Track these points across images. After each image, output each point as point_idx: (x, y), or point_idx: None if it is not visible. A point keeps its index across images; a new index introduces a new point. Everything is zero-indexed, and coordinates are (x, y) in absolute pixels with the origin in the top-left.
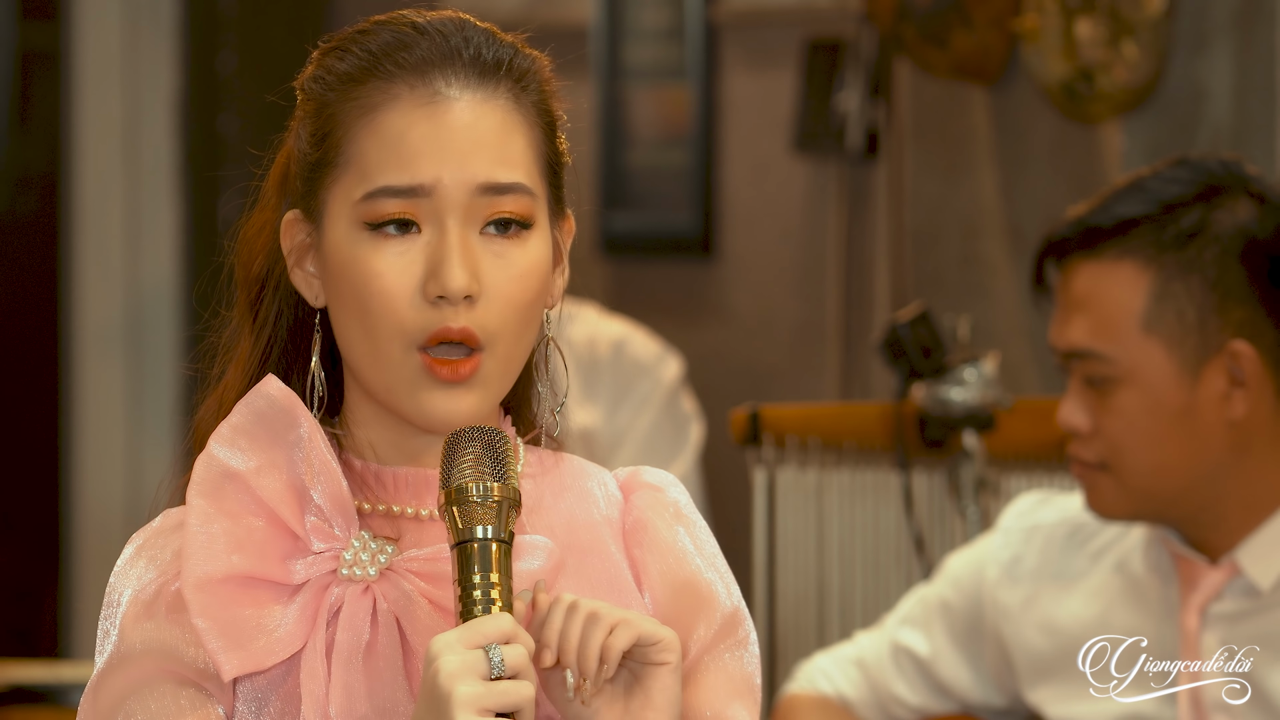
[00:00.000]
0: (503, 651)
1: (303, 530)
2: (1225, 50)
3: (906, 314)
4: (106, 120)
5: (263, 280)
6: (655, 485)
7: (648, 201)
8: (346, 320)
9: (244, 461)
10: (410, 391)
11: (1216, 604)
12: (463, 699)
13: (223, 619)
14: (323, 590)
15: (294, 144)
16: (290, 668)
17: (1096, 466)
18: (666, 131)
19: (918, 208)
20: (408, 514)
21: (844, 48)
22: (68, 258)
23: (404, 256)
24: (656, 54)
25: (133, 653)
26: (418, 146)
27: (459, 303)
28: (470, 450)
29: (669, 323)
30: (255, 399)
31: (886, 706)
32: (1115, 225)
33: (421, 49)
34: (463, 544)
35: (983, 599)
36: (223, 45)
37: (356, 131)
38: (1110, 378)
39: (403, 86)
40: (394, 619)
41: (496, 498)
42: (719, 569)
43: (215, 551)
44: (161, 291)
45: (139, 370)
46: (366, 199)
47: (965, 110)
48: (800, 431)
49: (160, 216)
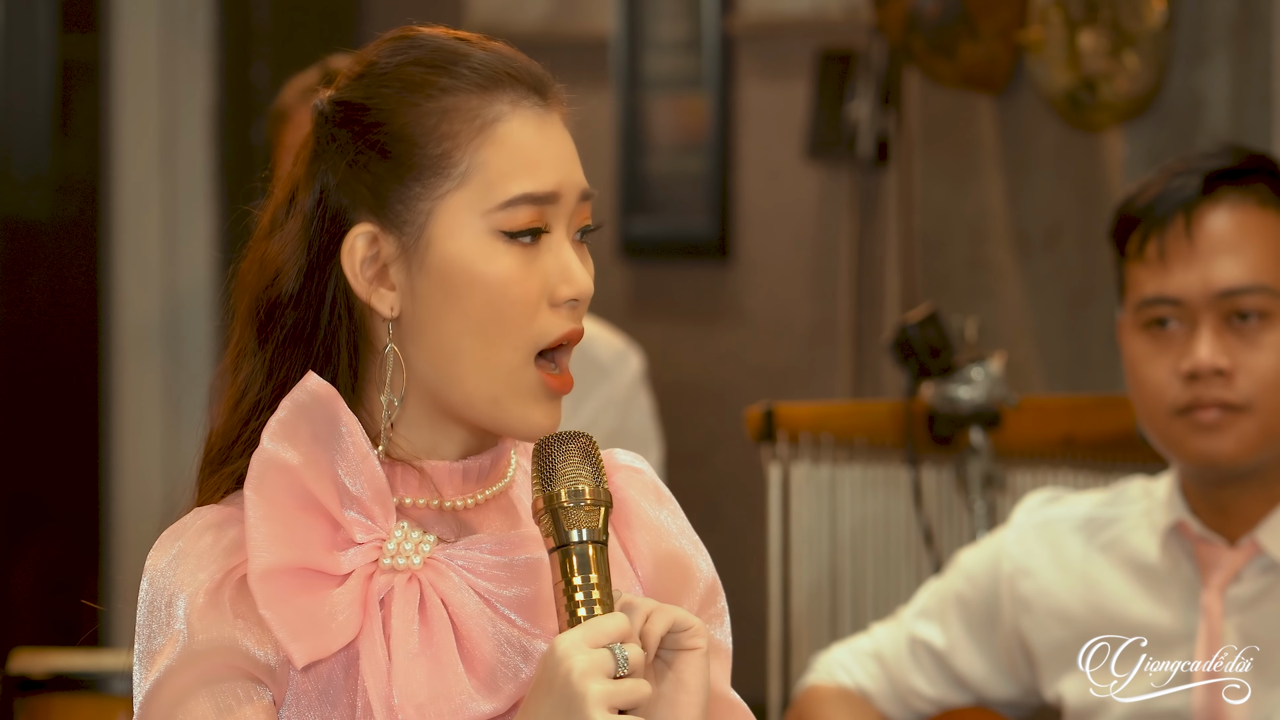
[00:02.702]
0: (625, 650)
1: (344, 521)
2: (1223, 61)
3: (916, 315)
4: (144, 128)
5: (276, 299)
6: (633, 467)
7: (666, 207)
8: (458, 330)
9: (289, 454)
10: (520, 401)
11: (1234, 587)
12: (596, 697)
13: (286, 609)
14: (367, 580)
15: (340, 158)
16: (350, 657)
17: (1238, 408)
18: (684, 139)
19: (927, 213)
20: (451, 506)
21: (855, 58)
22: (107, 260)
23: (534, 263)
24: (674, 64)
25: (201, 650)
26: (542, 155)
27: (581, 306)
28: (569, 456)
29: (687, 324)
30: (299, 394)
31: (905, 699)
32: (1248, 170)
33: (517, 68)
34: (562, 547)
35: (999, 593)
36: (256, 57)
37: (474, 143)
38: (1268, 313)
39: (506, 104)
40: (442, 606)
41: (591, 501)
42: (696, 544)
43: (272, 543)
44: (197, 292)
45: (175, 368)
46: (504, 207)
47: (972, 119)
48: (813, 429)
49: (196, 221)
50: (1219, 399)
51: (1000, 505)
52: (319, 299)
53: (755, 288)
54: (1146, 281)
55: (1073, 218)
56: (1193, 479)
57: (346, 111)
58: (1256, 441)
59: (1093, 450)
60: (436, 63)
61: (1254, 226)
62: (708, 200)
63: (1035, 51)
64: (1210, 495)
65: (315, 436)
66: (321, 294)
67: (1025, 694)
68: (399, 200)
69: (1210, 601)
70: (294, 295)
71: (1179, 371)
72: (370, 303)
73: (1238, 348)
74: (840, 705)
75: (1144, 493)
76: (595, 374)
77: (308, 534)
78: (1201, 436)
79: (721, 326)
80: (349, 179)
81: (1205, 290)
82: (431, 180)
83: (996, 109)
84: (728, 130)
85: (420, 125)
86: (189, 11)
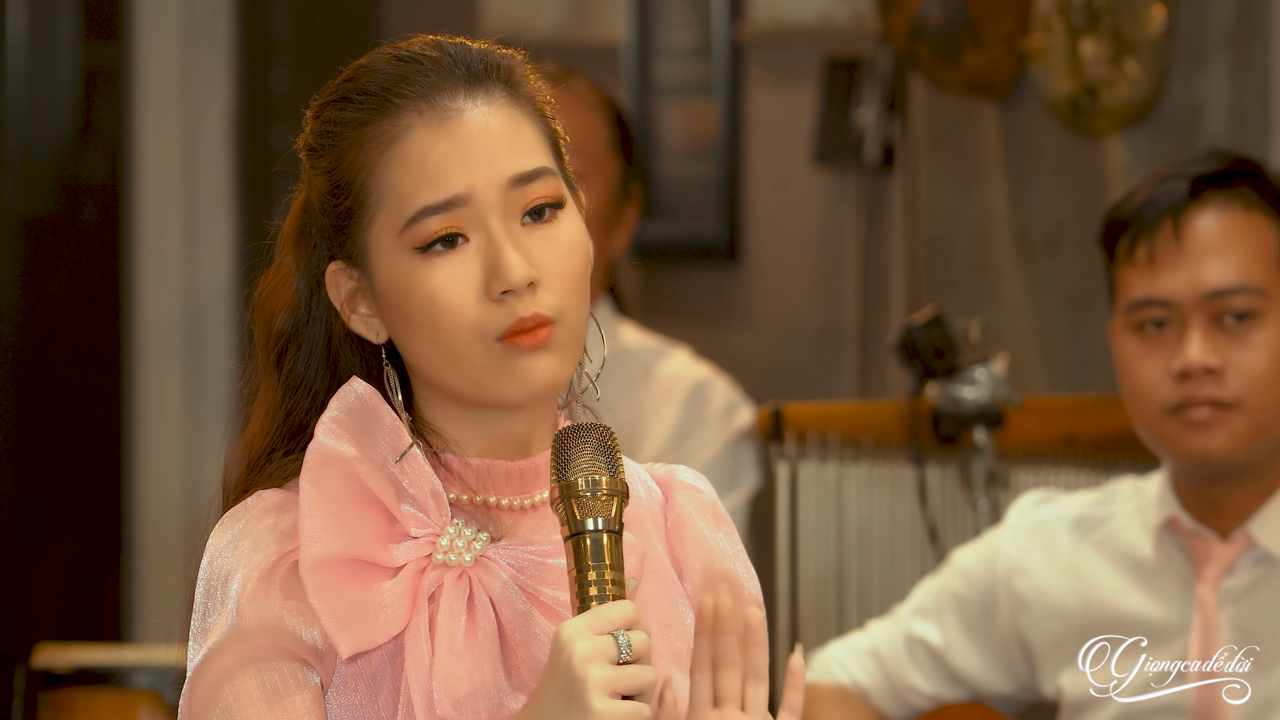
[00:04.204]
0: (629, 637)
1: (400, 515)
2: (1222, 68)
3: (921, 317)
4: (165, 134)
5: (286, 334)
6: (694, 486)
7: (676, 211)
8: (418, 342)
9: (346, 448)
10: (500, 373)
11: (1228, 579)
12: (596, 682)
13: (336, 599)
14: (419, 574)
15: (312, 201)
16: (398, 649)
17: (1229, 406)
18: (694, 144)
19: (931, 217)
20: (501, 505)
21: (861, 66)
22: (129, 263)
23: (460, 267)
24: (684, 71)
25: (250, 629)
26: (443, 162)
27: (523, 292)
28: (585, 446)
29: (696, 326)
30: (347, 394)
31: (902, 695)
32: (1232, 174)
33: (418, 76)
34: (577, 535)
35: (995, 592)
36: (275, 63)
37: (380, 168)
38: (1256, 313)
39: (412, 115)
40: (490, 604)
41: (607, 491)
42: (749, 569)
43: (326, 533)
44: (217, 295)
45: (196, 369)
46: (409, 225)
47: (976, 124)
48: (820, 428)
49: (216, 224)
50: (1210, 397)
51: (1003, 503)
52: (323, 327)
53: (764, 290)
54: (1137, 284)
55: (1074, 222)
56: (1185, 476)
57: (307, 154)
58: (1247, 438)
59: (1093, 449)
60: (339, 98)
61: (1240, 228)
62: (717, 204)
63: (1038, 59)
64: (1202, 491)
65: (366, 434)
66: (323, 322)
67: (1021, 690)
68: (348, 237)
69: (1205, 594)
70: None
71: (1170, 371)
72: (355, 330)
73: (1227, 347)
74: (837, 703)
75: (1135, 491)
76: (709, 414)
77: (363, 526)
78: (1194, 434)
79: (730, 328)
80: (318, 218)
81: (1194, 291)
82: (361, 214)
83: (1000, 115)
84: (737, 136)
85: (350, 162)
86: (209, 19)
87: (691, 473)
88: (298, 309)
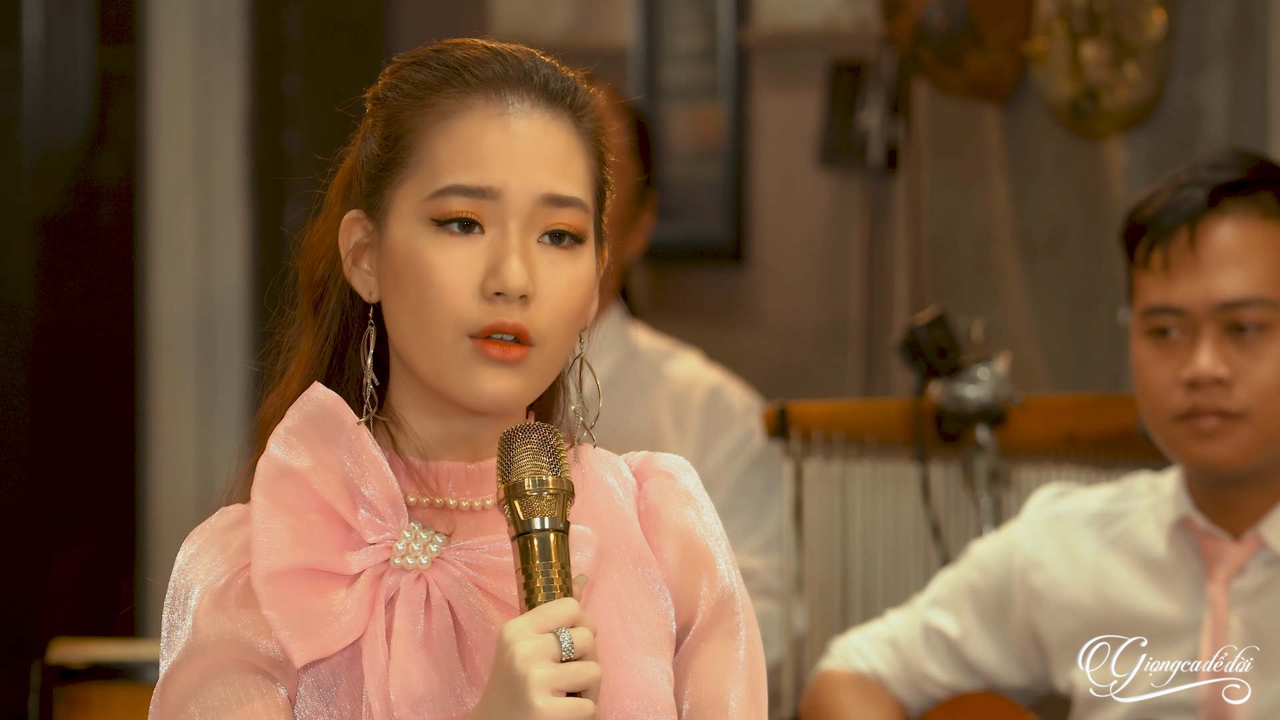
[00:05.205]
0: (571, 635)
1: (357, 523)
2: (1221, 71)
3: (924, 317)
4: (179, 137)
5: (324, 283)
6: (667, 472)
7: (683, 213)
8: (401, 311)
9: (300, 460)
10: (460, 371)
11: (1239, 579)
12: (538, 680)
13: (290, 609)
14: (378, 579)
15: (361, 151)
16: (354, 655)
17: (1236, 416)
18: (700, 147)
19: (934, 218)
20: (460, 506)
21: (866, 69)
22: (143, 264)
23: (467, 254)
24: (691, 75)
25: (206, 644)
26: (488, 152)
27: (515, 301)
28: (528, 446)
29: (703, 326)
30: (305, 403)
31: (918, 684)
32: (1252, 181)
33: (497, 67)
34: (523, 535)
35: (1011, 585)
36: (288, 67)
37: (430, 135)
38: (1269, 324)
39: (478, 98)
40: (447, 605)
41: (553, 490)
42: (721, 544)
43: (279, 546)
44: (231, 295)
45: (210, 368)
46: (435, 196)
47: (979, 127)
48: (825, 427)
49: (230, 226)
50: (1218, 407)
51: (1005, 500)
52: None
53: (769, 291)
54: (1151, 290)
55: (1076, 223)
56: (1196, 479)
57: (370, 107)
58: (1253, 448)
59: (1094, 447)
60: (419, 60)
61: (1257, 239)
62: (723, 206)
63: (1039, 62)
64: (1213, 494)
65: (325, 441)
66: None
67: (1035, 682)
68: (377, 189)
69: (1216, 594)
70: (324, 281)
71: (1180, 379)
72: (352, 283)
73: (1238, 358)
74: (855, 689)
75: (1151, 488)
76: (727, 419)
77: (319, 536)
78: (1200, 442)
79: (736, 328)
80: (361, 165)
81: (1207, 302)
82: (397, 171)
83: (1002, 118)
84: (742, 138)
85: (404, 120)
86: (223, 23)
87: (670, 458)
88: (337, 258)
